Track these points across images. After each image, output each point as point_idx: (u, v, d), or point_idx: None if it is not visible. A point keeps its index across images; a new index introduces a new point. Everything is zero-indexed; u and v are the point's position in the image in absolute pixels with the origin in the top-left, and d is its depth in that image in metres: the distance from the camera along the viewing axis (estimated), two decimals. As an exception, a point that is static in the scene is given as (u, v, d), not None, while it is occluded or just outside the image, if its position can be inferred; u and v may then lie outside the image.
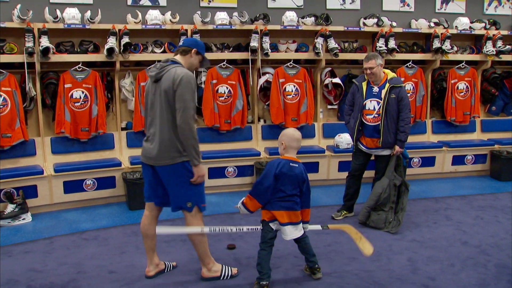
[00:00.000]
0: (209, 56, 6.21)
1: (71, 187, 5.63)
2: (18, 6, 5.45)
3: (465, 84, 7.24)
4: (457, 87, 7.22)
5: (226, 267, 3.88)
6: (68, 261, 4.19)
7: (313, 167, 6.57)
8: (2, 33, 5.56)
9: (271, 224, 3.67)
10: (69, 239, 4.75)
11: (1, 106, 5.44)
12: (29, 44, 5.46)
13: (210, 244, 3.85)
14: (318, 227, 3.98)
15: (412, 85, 7.05)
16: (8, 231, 5.00)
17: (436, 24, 7.09)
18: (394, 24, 6.88)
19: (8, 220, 5.15)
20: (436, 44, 6.91)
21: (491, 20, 7.39)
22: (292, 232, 3.65)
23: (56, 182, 5.56)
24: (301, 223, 3.73)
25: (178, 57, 3.66)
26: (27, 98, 5.69)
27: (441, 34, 6.97)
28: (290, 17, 6.55)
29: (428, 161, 6.96)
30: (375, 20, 6.83)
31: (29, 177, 5.42)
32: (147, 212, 3.80)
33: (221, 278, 3.82)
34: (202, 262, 3.81)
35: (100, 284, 3.74)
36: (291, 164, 3.66)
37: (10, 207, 5.18)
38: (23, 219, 5.24)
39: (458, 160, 7.08)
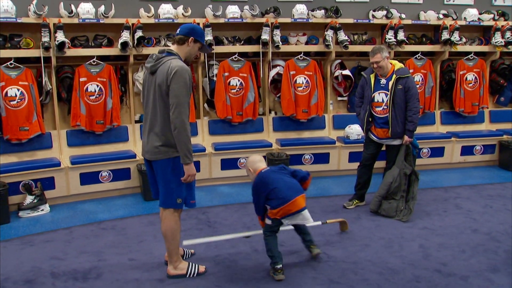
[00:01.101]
0: (221, 49, 6.41)
1: (87, 178, 5.75)
2: (34, 1, 5.54)
3: (473, 75, 7.29)
4: (466, 78, 7.27)
5: (193, 264, 3.79)
6: (88, 250, 4.31)
7: (324, 158, 6.67)
8: (18, 28, 5.68)
9: (284, 220, 3.74)
10: (87, 229, 4.87)
11: (19, 100, 5.56)
12: (45, 39, 5.56)
13: (226, 232, 3.95)
14: (319, 223, 4.34)
15: (421, 76, 7.12)
16: (28, 221, 5.14)
17: (445, 15, 7.14)
18: (403, 16, 6.94)
19: (28, 211, 5.28)
20: (445, 35, 6.96)
21: (500, 11, 7.42)
22: (308, 215, 3.77)
23: (72, 174, 5.68)
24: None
25: (174, 47, 3.55)
26: (43, 92, 5.79)
27: (450, 25, 7.01)
28: (300, 10, 6.62)
29: (437, 152, 7.02)
30: (384, 12, 6.89)
31: (47, 169, 5.54)
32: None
33: (187, 275, 3.73)
34: (170, 259, 3.74)
35: (121, 271, 3.86)
36: (263, 171, 3.83)
37: (29, 199, 5.31)
38: (42, 210, 5.36)
39: (467, 150, 7.14)
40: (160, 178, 3.57)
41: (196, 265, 3.80)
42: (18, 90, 5.55)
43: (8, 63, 5.54)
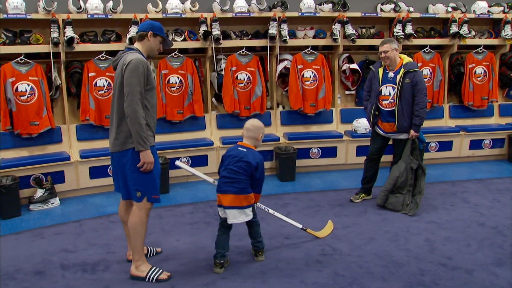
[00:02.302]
0: (228, 43, 6.43)
1: (97, 172, 5.82)
2: (44, -3, 5.63)
3: (483, 68, 7.25)
4: (475, 71, 7.23)
5: (155, 269, 3.67)
6: (97, 242, 4.38)
7: (332, 151, 6.69)
8: (28, 24, 5.75)
9: (219, 209, 3.77)
10: (97, 222, 4.95)
11: (29, 95, 5.63)
12: (54, 34, 5.63)
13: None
14: (299, 225, 4.33)
15: (429, 70, 7.09)
16: (38, 214, 5.22)
17: (454, 8, 7.10)
18: (411, 9, 6.91)
19: (38, 205, 5.36)
20: (454, 29, 6.93)
21: (510, 4, 7.34)
22: (236, 216, 3.69)
23: (82, 167, 5.75)
24: (247, 208, 3.72)
25: (136, 44, 3.62)
26: (53, 87, 5.87)
27: (459, 18, 6.97)
28: (307, 4, 6.62)
29: (446, 146, 7.00)
30: (392, 5, 6.86)
31: (57, 163, 5.62)
32: (122, 200, 3.80)
33: (146, 279, 3.61)
34: (133, 257, 3.67)
35: (129, 264, 3.89)
36: (239, 148, 3.79)
37: (39, 192, 5.40)
38: (52, 203, 5.45)
39: (475, 144, 7.11)
40: (119, 170, 3.58)
41: (159, 270, 3.67)
42: (28, 85, 5.63)
43: (18, 58, 5.62)
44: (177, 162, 4.06)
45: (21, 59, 5.63)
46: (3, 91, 5.51)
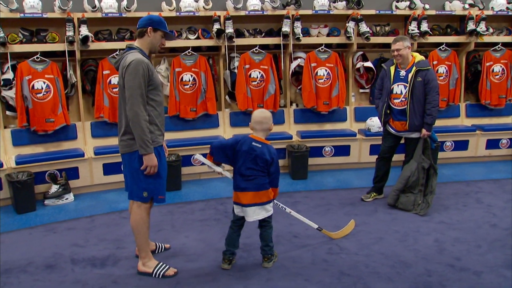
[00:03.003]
0: (241, 41, 6.45)
1: (110, 169, 5.90)
2: (59, -4, 5.72)
3: (500, 66, 7.12)
4: (493, 69, 7.11)
5: (162, 265, 3.72)
6: (108, 238, 4.46)
7: (345, 150, 6.66)
8: (44, 23, 5.85)
9: (235, 207, 3.71)
10: (108, 217, 5.03)
11: (45, 93, 5.74)
12: (70, 33, 5.72)
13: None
14: (315, 226, 4.25)
15: (445, 68, 7.00)
16: (52, 209, 5.33)
17: (471, 5, 6.99)
18: (427, 6, 6.82)
19: (53, 200, 5.47)
20: (471, 26, 6.82)
21: (530, 1, 7.22)
22: (257, 213, 3.65)
23: (96, 164, 5.84)
24: (268, 204, 3.69)
25: (136, 42, 3.54)
26: (68, 84, 5.97)
27: (476, 15, 6.87)
28: (321, 2, 6.59)
29: (461, 145, 6.91)
30: (407, 3, 6.79)
31: (71, 160, 5.73)
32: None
33: (153, 275, 3.66)
34: (139, 254, 3.74)
35: (137, 259, 3.95)
36: (253, 143, 3.63)
37: (54, 188, 5.50)
38: (66, 198, 5.55)
39: (492, 144, 6.99)
40: (128, 170, 3.59)
41: (165, 266, 3.72)
42: (44, 83, 5.73)
43: (35, 57, 5.72)
44: (197, 156, 3.94)
45: (37, 57, 5.73)
46: (19, 88, 5.62)
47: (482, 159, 7.02)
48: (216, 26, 6.23)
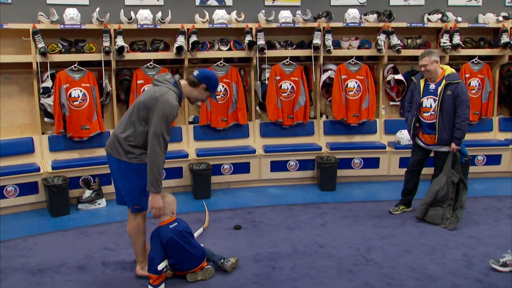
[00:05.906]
0: (273, 53, 6.55)
1: (142, 176, 6.03)
2: (97, 9, 5.92)
3: (536, 80, 6.99)
4: (527, 83, 6.99)
5: None
6: (137, 243, 4.56)
7: (374, 162, 6.64)
8: (82, 34, 6.08)
9: None
10: (139, 223, 5.14)
11: (81, 101, 5.94)
12: (106, 43, 5.92)
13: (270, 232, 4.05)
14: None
15: (477, 81, 6.91)
16: (85, 214, 5.50)
17: (505, 18, 6.89)
18: (459, 19, 6.78)
19: (86, 204, 5.64)
20: (505, 38, 6.73)
21: None
22: None
23: (128, 171, 5.98)
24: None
25: (183, 83, 3.65)
26: (104, 93, 6.17)
27: (510, 28, 6.77)
28: (352, 14, 6.63)
29: (494, 159, 6.78)
30: (440, 15, 6.75)
31: (105, 166, 5.80)
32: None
33: None
34: (137, 259, 3.88)
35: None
36: (170, 226, 3.71)
37: (87, 193, 5.68)
38: (99, 203, 5.71)
39: (526, 159, 6.86)
40: (114, 171, 3.74)
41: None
42: (81, 91, 5.94)
43: (73, 66, 5.95)
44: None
45: (75, 67, 5.95)
46: (57, 96, 5.84)
47: (516, 175, 6.88)
48: (248, 38, 6.34)
